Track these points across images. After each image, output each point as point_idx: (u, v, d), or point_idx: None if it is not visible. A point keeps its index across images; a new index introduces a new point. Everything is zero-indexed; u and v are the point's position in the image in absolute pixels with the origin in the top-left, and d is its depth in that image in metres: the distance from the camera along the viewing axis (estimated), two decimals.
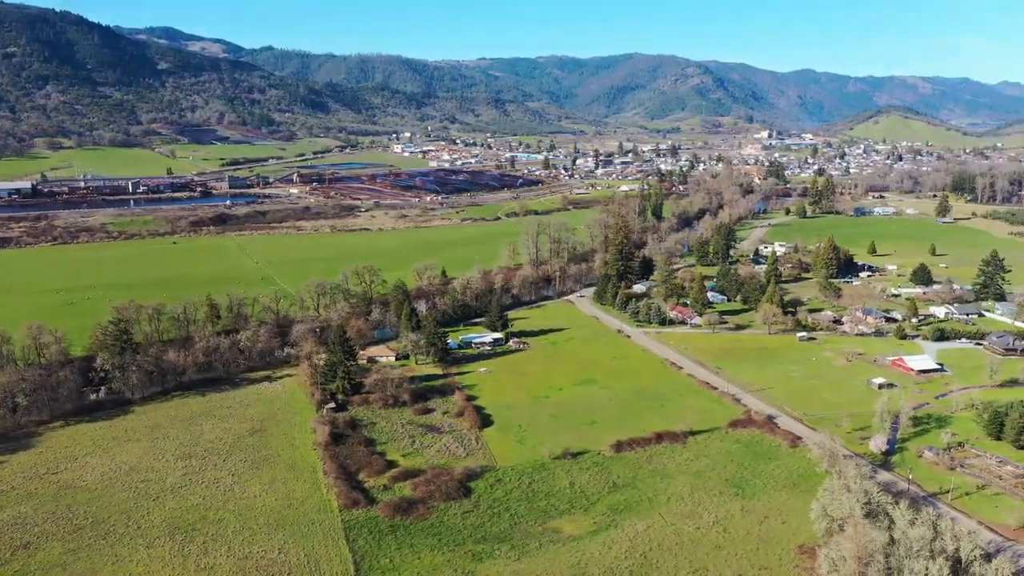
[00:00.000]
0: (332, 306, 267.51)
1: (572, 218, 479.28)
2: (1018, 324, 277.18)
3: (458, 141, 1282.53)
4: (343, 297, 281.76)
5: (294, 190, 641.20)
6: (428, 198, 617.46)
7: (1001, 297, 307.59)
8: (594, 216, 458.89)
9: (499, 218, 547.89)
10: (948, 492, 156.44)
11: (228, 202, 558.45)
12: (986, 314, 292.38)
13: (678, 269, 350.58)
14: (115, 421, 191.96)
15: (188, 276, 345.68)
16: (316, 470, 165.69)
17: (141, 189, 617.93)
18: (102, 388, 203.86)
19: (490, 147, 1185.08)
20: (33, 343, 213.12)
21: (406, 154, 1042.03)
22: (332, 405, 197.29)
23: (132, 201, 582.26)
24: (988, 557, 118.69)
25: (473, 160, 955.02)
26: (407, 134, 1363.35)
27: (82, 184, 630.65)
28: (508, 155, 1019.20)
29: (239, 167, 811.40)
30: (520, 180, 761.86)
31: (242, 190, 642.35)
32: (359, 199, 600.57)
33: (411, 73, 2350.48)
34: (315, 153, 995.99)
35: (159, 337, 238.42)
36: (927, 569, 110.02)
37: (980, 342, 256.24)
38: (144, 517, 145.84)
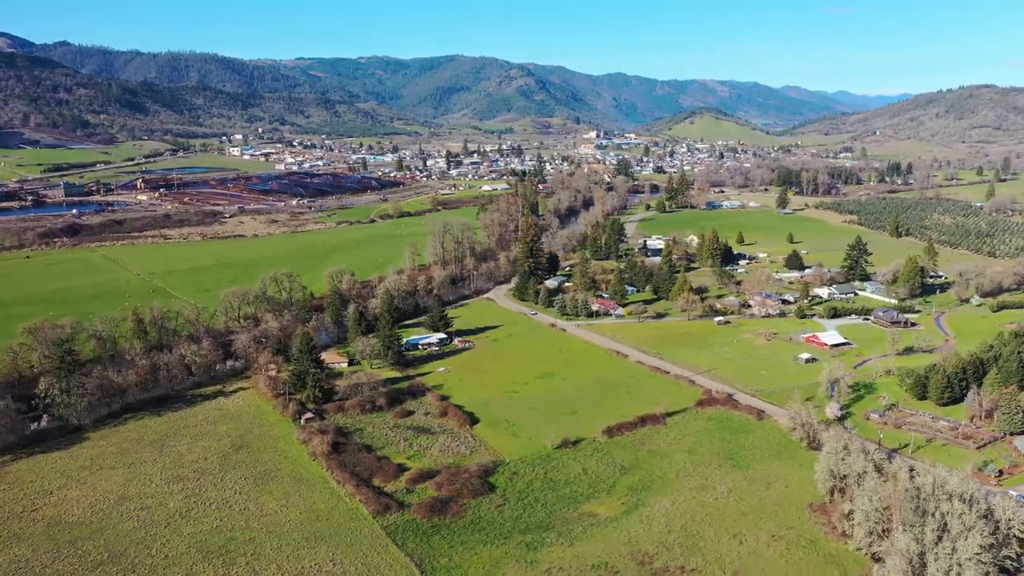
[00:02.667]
0: (264, 315, 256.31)
1: (446, 218, 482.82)
2: (888, 300, 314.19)
3: (295, 143, 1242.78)
4: (265, 306, 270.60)
5: (142, 197, 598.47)
6: (294, 202, 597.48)
7: (866, 277, 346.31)
8: (465, 216, 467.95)
9: (374, 220, 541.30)
10: (906, 447, 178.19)
11: (75, 211, 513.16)
12: (859, 293, 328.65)
13: (589, 263, 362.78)
14: (74, 450, 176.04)
15: (68, 292, 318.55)
16: (327, 480, 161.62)
17: None
18: (44, 416, 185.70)
19: (331, 149, 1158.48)
20: None
21: (246, 157, 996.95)
22: (310, 415, 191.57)
23: None
24: (988, 495, 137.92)
25: (320, 163, 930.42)
26: (238, 136, 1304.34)
27: None
28: (356, 157, 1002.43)
29: (65, 173, 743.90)
30: (376, 182, 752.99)
31: (81, 198, 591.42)
32: (219, 204, 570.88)
33: (229, 72, 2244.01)
34: (145, 157, 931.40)
35: (80, 357, 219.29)
36: (953, 508, 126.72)
37: (867, 317, 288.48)
38: (165, 545, 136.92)
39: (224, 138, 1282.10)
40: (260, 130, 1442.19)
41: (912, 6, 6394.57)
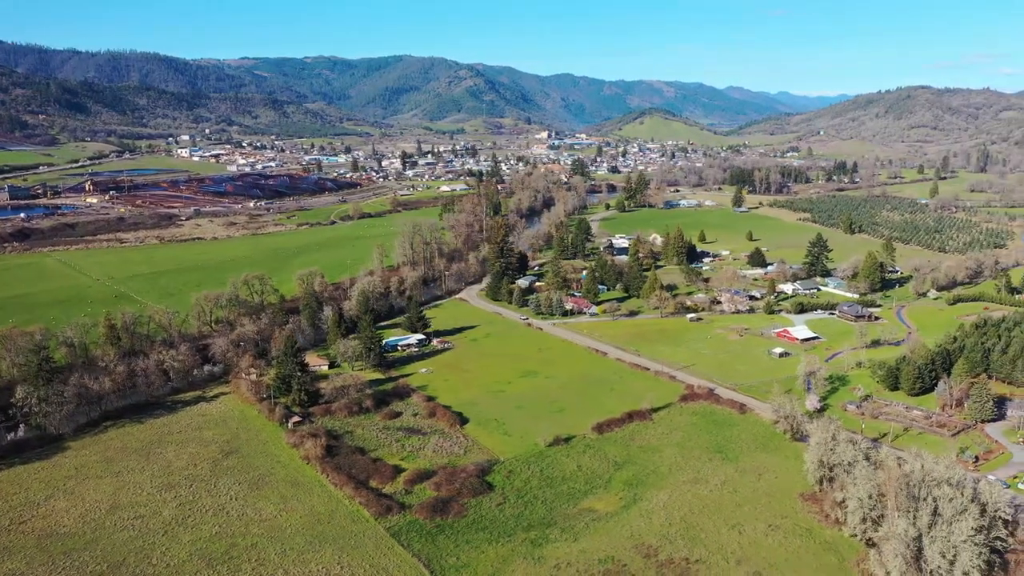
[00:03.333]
0: (240, 318, 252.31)
1: (407, 219, 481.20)
2: (850, 295, 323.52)
3: (244, 144, 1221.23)
4: (239, 309, 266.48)
5: (92, 200, 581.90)
6: (251, 204, 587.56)
7: (827, 273, 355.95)
8: (426, 216, 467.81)
9: (334, 222, 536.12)
10: (885, 436, 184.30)
11: (23, 215, 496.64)
12: (822, 288, 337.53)
13: (560, 263, 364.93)
14: (55, 459, 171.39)
15: (26, 298, 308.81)
16: (323, 483, 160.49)
17: None
18: (21, 425, 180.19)
19: (283, 150, 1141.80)
20: None
21: (195, 158, 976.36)
22: (297, 419, 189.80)
23: None
24: (973, 481, 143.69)
25: (273, 164, 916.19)
26: (185, 137, 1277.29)
27: None
28: (310, 158, 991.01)
29: (7, 176, 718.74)
30: (332, 183, 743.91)
31: (28, 201, 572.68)
32: (174, 207, 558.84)
33: (172, 72, 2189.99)
34: (90, 159, 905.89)
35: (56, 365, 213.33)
36: (944, 493, 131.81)
37: (833, 312, 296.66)
38: (166, 553, 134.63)
39: (171, 139, 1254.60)
40: (207, 131, 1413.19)
41: (839, 10, 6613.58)
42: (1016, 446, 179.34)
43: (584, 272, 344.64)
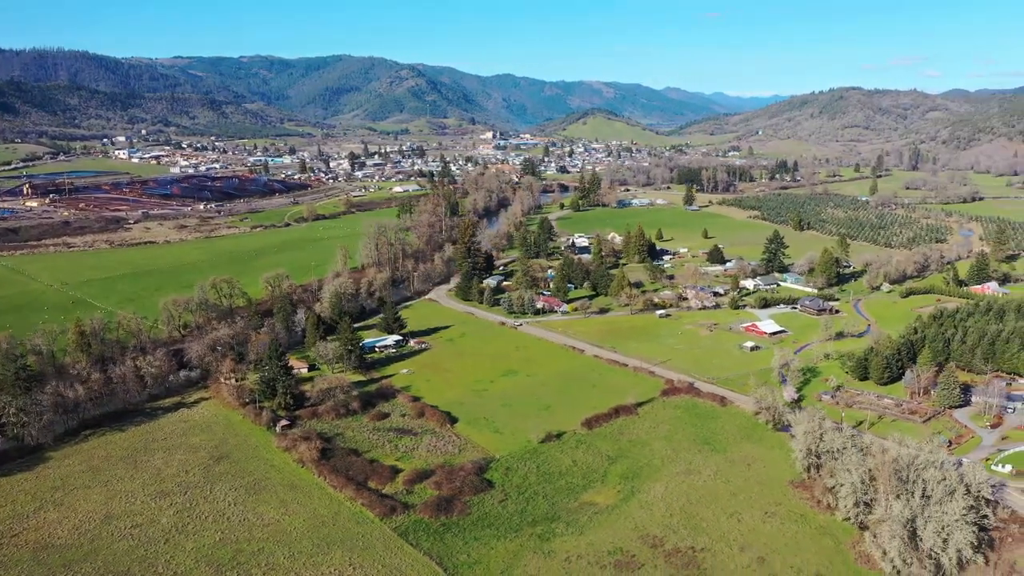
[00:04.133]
0: (212, 322, 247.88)
1: (362, 220, 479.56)
2: (809, 289, 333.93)
3: (184, 145, 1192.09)
4: (208, 313, 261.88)
5: (32, 203, 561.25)
6: (200, 206, 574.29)
7: (784, 269, 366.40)
8: (381, 217, 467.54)
9: (289, 224, 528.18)
10: (862, 424, 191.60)
11: None
12: (781, 284, 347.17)
13: (528, 262, 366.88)
14: (38, 470, 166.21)
15: None
16: (322, 486, 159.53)
17: None
18: None
19: (225, 151, 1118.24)
20: None
21: (135, 160, 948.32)
22: (285, 422, 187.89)
23: None
24: (956, 464, 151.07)
25: (217, 165, 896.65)
26: (121, 138, 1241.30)
27: None
28: (254, 159, 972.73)
29: None
30: (281, 184, 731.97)
31: None
32: (120, 210, 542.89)
33: (103, 71, 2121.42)
34: (23, 161, 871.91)
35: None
36: (932, 476, 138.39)
37: (795, 306, 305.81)
38: (171, 561, 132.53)
39: (106, 140, 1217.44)
40: (143, 132, 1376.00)
41: (771, 14, 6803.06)
42: (984, 430, 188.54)
43: (551, 271, 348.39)
